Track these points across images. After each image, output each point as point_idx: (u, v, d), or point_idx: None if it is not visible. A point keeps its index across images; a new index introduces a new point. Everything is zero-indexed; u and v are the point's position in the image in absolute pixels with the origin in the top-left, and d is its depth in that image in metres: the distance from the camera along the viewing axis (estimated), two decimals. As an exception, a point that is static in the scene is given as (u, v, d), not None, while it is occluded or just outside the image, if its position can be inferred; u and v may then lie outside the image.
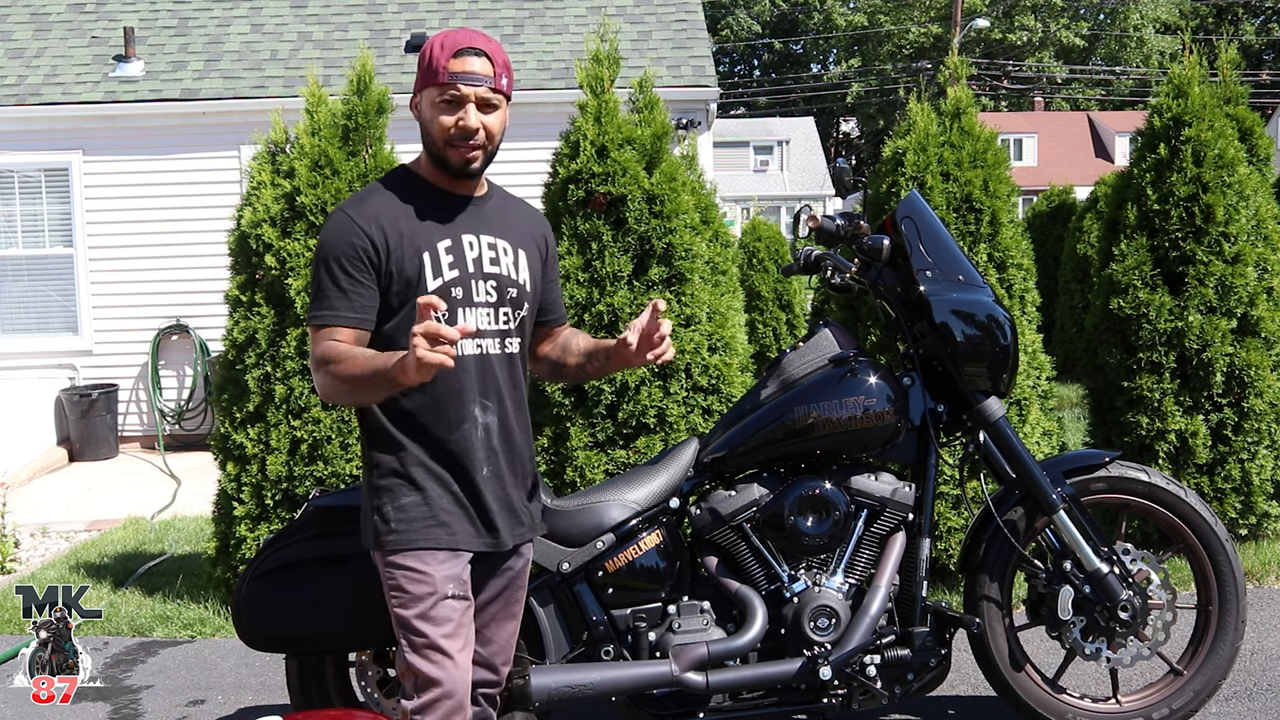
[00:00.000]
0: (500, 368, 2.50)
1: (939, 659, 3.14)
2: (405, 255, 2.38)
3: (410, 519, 2.41)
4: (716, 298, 4.50)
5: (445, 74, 2.38)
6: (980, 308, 3.15)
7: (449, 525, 2.42)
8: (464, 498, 2.44)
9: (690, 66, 9.71)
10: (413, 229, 2.41)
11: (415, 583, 2.40)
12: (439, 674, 2.41)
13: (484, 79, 2.39)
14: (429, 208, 2.45)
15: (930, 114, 4.80)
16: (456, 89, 2.37)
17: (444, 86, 2.38)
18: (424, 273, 2.39)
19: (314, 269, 2.42)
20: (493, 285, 2.49)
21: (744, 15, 52.79)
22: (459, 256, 2.44)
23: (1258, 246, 4.95)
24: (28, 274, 9.47)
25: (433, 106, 2.41)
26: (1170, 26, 46.25)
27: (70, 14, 10.20)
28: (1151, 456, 4.84)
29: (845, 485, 3.10)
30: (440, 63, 2.38)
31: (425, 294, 2.31)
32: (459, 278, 2.43)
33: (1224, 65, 5.78)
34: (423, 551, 2.41)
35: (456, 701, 2.43)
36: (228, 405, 4.72)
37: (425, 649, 2.41)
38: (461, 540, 2.44)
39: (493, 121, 2.43)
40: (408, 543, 2.41)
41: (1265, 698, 3.61)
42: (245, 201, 4.80)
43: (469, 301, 2.45)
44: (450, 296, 2.41)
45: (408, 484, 2.42)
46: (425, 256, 2.40)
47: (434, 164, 2.47)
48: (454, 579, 2.43)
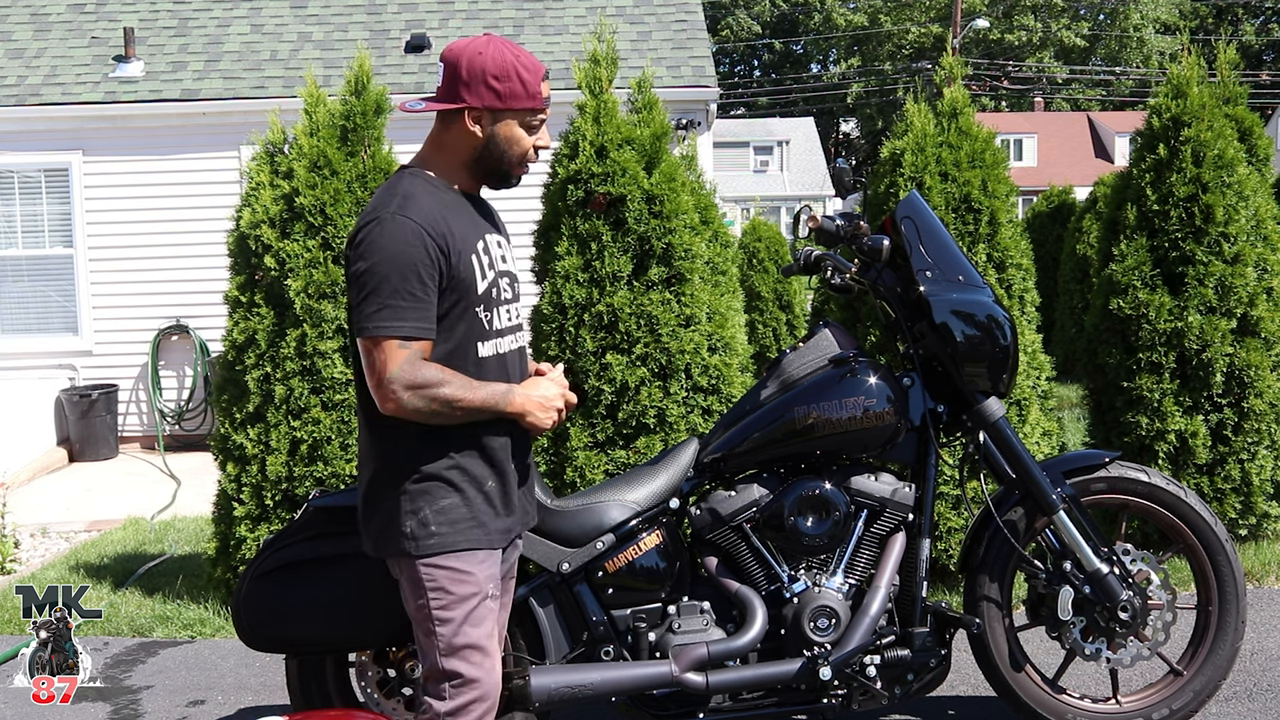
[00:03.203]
0: (519, 362, 2.59)
1: (939, 659, 3.14)
2: (462, 259, 2.41)
3: (452, 520, 2.42)
4: (716, 298, 4.50)
5: (541, 99, 2.45)
6: (980, 308, 3.16)
7: (486, 525, 2.46)
8: (495, 496, 2.47)
9: (690, 67, 9.71)
10: (459, 232, 2.42)
11: (460, 583, 2.42)
12: (479, 674, 2.43)
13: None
14: (462, 211, 2.48)
15: (928, 114, 4.80)
16: (546, 113, 2.48)
17: (537, 111, 2.46)
18: (475, 275, 2.42)
19: (374, 275, 2.31)
20: (508, 282, 2.55)
21: (744, 15, 52.77)
22: (491, 257, 2.49)
23: (1257, 246, 4.95)
24: (28, 274, 9.47)
25: (522, 126, 2.45)
26: (1170, 27, 46.24)
27: (70, 14, 10.20)
28: (1151, 457, 4.84)
29: (845, 485, 3.11)
30: (534, 86, 2.43)
31: (476, 296, 2.41)
32: (494, 278, 2.49)
33: (1223, 65, 5.78)
34: (464, 553, 2.42)
35: (492, 702, 2.47)
36: (228, 406, 4.73)
37: (465, 649, 2.42)
38: (497, 540, 2.48)
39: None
40: (451, 544, 2.41)
41: (1265, 698, 3.61)
42: (244, 202, 4.80)
43: (500, 300, 2.50)
44: (491, 298, 2.46)
45: (446, 486, 2.42)
46: (474, 259, 2.43)
47: (481, 175, 2.50)
48: (493, 579, 2.48)
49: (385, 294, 2.31)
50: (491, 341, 2.47)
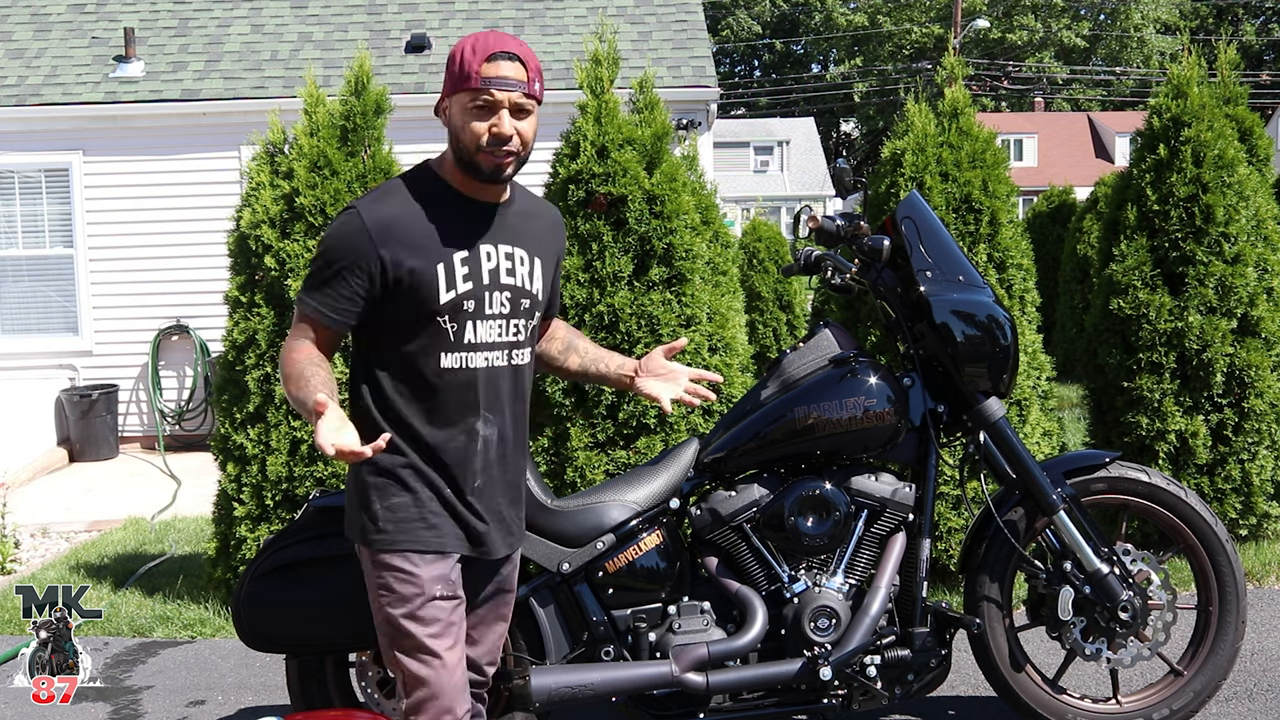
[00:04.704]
0: (505, 380, 2.47)
1: (939, 659, 3.14)
2: (416, 266, 2.33)
3: (399, 520, 2.39)
4: (717, 298, 4.51)
5: (478, 79, 2.31)
6: (980, 308, 3.15)
7: (438, 528, 2.41)
8: (455, 504, 2.43)
9: (690, 67, 9.72)
10: (429, 238, 2.35)
11: (403, 583, 2.39)
12: (427, 673, 2.41)
13: (517, 84, 2.33)
14: (450, 215, 2.39)
15: (928, 114, 4.80)
16: (490, 94, 2.31)
17: (476, 92, 2.32)
18: (437, 285, 2.35)
19: (316, 256, 2.40)
20: (507, 296, 2.44)
21: (744, 15, 52.77)
22: (475, 268, 2.39)
23: (1258, 247, 4.95)
24: (28, 274, 9.47)
25: (464, 112, 2.34)
26: (1170, 27, 46.25)
27: (70, 14, 10.20)
28: (1151, 457, 4.84)
29: (845, 486, 3.10)
30: (473, 67, 2.31)
31: (436, 307, 2.34)
32: (473, 290, 2.39)
33: (1223, 66, 5.78)
34: (410, 553, 2.39)
35: (446, 702, 2.43)
36: (228, 406, 4.73)
37: (413, 650, 2.41)
38: (450, 544, 2.43)
39: (526, 128, 2.37)
40: (395, 544, 2.39)
41: (1265, 698, 3.61)
42: (244, 202, 4.80)
43: (480, 314, 2.41)
44: (461, 310, 2.38)
45: (398, 484, 2.40)
46: (440, 268, 2.35)
47: (462, 169, 2.40)
48: (442, 579, 2.41)
49: (312, 272, 2.40)
50: (460, 354, 2.39)
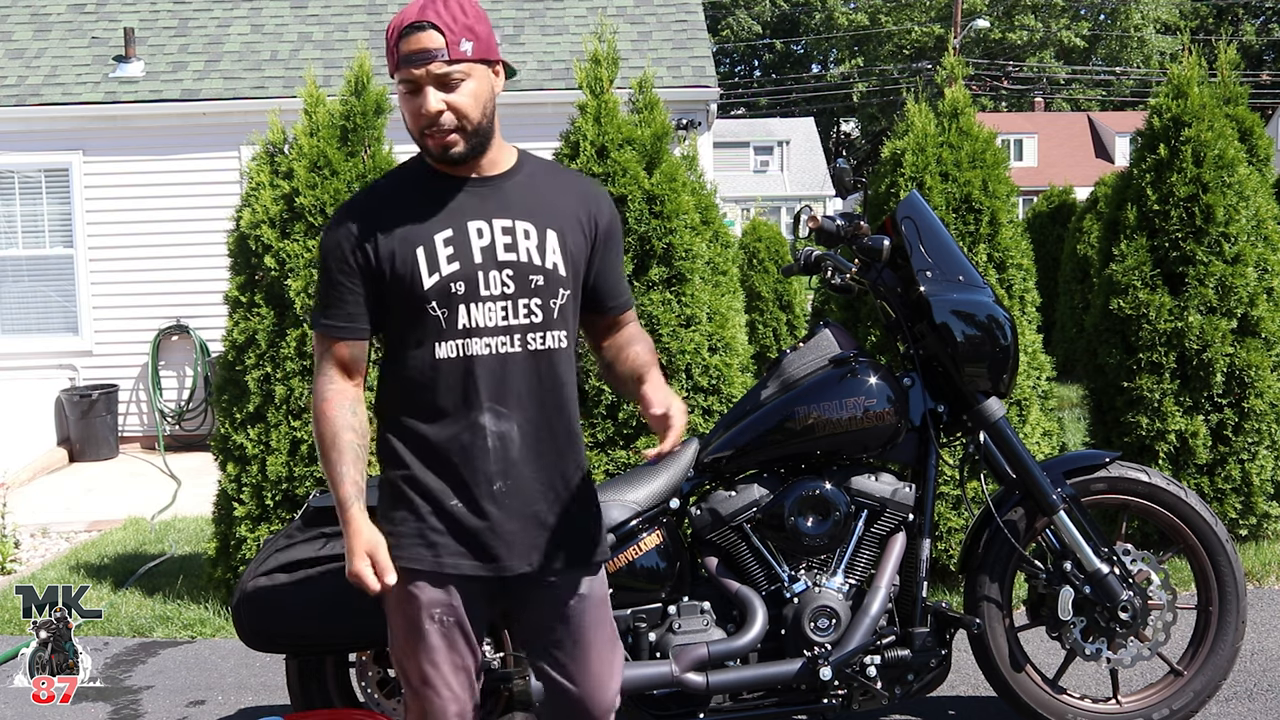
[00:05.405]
0: (523, 367, 2.21)
1: (939, 659, 3.14)
2: (395, 251, 2.17)
3: (399, 533, 2.23)
4: (717, 298, 4.51)
5: (397, 58, 2.12)
6: (980, 308, 3.16)
7: (436, 546, 2.21)
8: (461, 516, 2.21)
9: (690, 67, 9.71)
10: (408, 223, 2.18)
11: (398, 598, 2.26)
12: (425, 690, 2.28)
13: (435, 53, 2.09)
14: (431, 197, 2.21)
15: (928, 114, 4.80)
16: (409, 73, 2.11)
17: (399, 73, 2.13)
18: (418, 270, 2.17)
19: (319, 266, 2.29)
20: (509, 274, 2.20)
21: (744, 15, 52.75)
22: (462, 247, 2.18)
23: (1258, 247, 4.95)
24: (28, 274, 9.47)
25: (400, 97, 2.16)
26: (1170, 27, 46.24)
27: (70, 14, 10.20)
28: (1151, 457, 4.83)
29: (845, 486, 3.11)
30: (393, 46, 2.12)
31: (421, 292, 2.17)
32: (460, 270, 2.18)
33: (1224, 66, 5.78)
34: (409, 570, 2.22)
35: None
36: (228, 406, 4.72)
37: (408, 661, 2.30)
38: (448, 564, 2.21)
39: (460, 98, 2.12)
40: (395, 559, 2.21)
41: (1265, 698, 3.61)
42: (244, 202, 4.80)
43: (474, 296, 2.18)
44: (450, 293, 2.17)
45: (397, 494, 2.25)
46: (419, 251, 2.17)
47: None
48: (439, 604, 2.23)
49: (317, 290, 2.28)
50: (454, 342, 2.18)
